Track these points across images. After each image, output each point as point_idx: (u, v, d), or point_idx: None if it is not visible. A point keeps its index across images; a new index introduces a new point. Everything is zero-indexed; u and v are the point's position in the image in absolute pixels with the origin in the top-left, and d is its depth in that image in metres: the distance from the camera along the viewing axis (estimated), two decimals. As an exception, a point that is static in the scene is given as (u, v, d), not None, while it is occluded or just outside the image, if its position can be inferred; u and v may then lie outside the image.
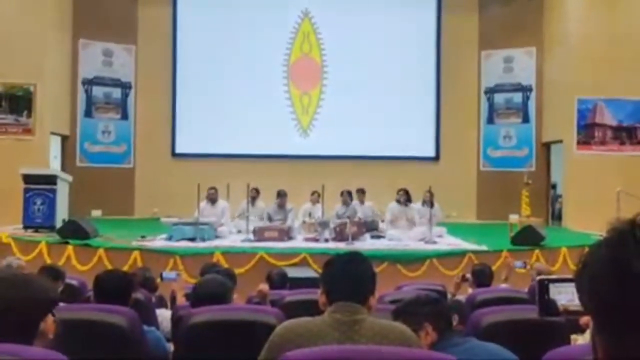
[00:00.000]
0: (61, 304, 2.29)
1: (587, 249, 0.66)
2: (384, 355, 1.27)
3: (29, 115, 8.07)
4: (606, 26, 7.87)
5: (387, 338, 1.40)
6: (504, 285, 3.88)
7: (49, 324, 1.14)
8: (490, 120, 9.75)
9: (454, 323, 1.89)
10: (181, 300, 3.09)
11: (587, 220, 6.70)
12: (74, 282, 3.06)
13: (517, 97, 9.55)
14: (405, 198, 6.61)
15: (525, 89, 9.50)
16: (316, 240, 6.19)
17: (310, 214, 6.97)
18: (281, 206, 6.96)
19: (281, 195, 6.96)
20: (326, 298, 1.50)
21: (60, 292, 2.78)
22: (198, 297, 2.25)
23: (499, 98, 9.67)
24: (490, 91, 9.73)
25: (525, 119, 9.50)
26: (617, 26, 7.85)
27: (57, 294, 1.28)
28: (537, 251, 5.73)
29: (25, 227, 6.43)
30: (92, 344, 1.88)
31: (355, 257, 1.58)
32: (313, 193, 7.07)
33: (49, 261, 5.19)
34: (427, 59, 9.73)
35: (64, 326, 1.70)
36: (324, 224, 6.29)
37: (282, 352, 1.32)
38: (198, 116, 9.54)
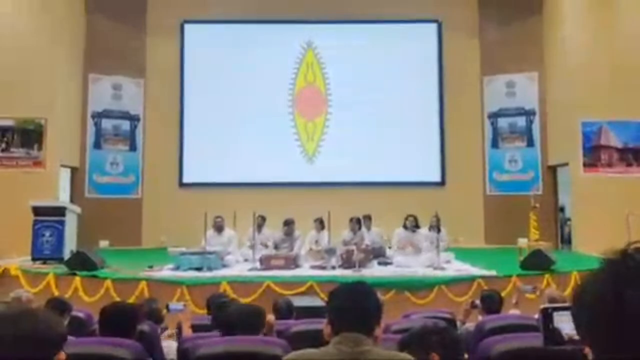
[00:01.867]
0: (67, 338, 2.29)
1: (587, 278, 0.67)
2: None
3: (40, 149, 8.23)
4: (607, 48, 7.96)
5: None
6: (513, 312, 3.81)
7: (62, 358, 1.14)
8: (494, 145, 9.78)
9: None
10: (188, 331, 3.06)
11: (597, 243, 6.58)
12: (81, 315, 3.06)
13: (521, 121, 9.60)
14: (413, 224, 6.59)
15: (528, 113, 9.56)
16: (323, 267, 6.14)
17: (316, 242, 6.94)
18: (288, 234, 6.94)
19: (288, 223, 6.96)
20: (331, 329, 1.49)
21: (67, 325, 2.78)
22: (226, 325, 2.25)
23: (503, 122, 9.73)
24: (494, 116, 9.80)
25: (530, 143, 9.52)
26: (618, 48, 7.93)
27: (65, 329, 1.28)
28: (547, 276, 5.64)
29: (34, 259, 6.46)
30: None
31: (360, 287, 1.58)
32: (316, 220, 7.05)
33: (56, 293, 5.19)
34: (430, 85, 9.86)
35: (70, 360, 1.69)
36: (330, 251, 6.25)
37: None
38: (205, 146, 9.68)
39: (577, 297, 0.65)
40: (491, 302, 3.47)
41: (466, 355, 2.25)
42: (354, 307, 1.49)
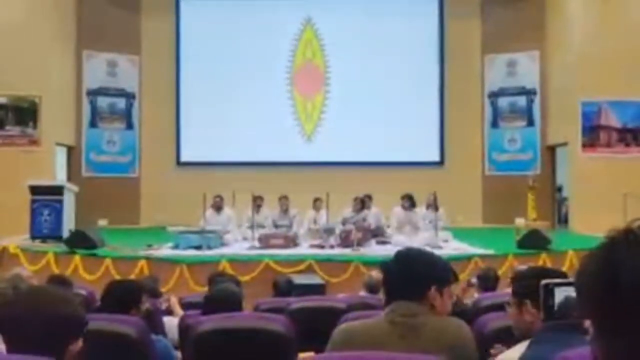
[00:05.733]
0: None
1: (587, 254, 0.67)
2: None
3: (35, 127, 8.15)
4: (609, 28, 7.86)
5: (443, 336, 1.35)
6: (509, 290, 3.85)
7: (78, 346, 1.13)
8: (494, 124, 9.74)
9: None
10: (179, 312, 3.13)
11: (594, 223, 6.64)
12: (83, 292, 3.08)
13: (521, 100, 9.55)
14: (409, 204, 6.61)
15: (529, 93, 9.50)
16: (322, 246, 6.19)
17: (315, 221, 6.98)
18: (284, 211, 6.99)
19: (283, 200, 7.01)
20: (385, 298, 1.45)
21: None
22: (210, 304, 2.27)
23: (503, 102, 9.67)
24: (494, 95, 9.73)
25: (530, 123, 9.49)
26: (620, 28, 7.84)
27: (84, 314, 1.23)
28: (543, 255, 5.70)
29: (33, 238, 6.47)
30: (101, 354, 1.89)
31: (412, 252, 1.52)
32: (315, 200, 7.08)
33: (56, 271, 5.22)
34: (430, 63, 9.75)
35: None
36: (329, 231, 6.30)
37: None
38: (202, 125, 9.61)
39: (578, 271, 0.65)
40: (487, 280, 3.51)
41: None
42: (402, 272, 1.41)
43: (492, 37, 9.57)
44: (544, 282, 1.26)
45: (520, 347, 1.42)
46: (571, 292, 1.14)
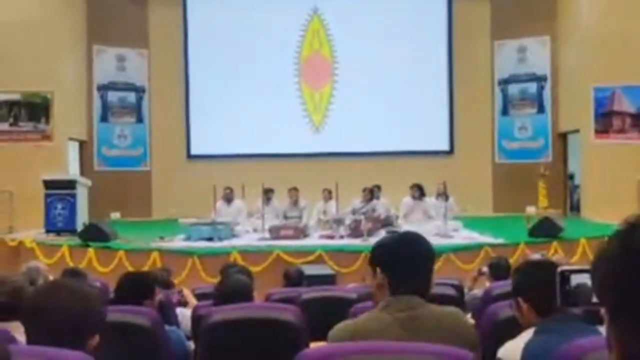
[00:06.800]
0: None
1: (605, 240, 0.67)
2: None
3: (47, 122, 8.25)
4: (621, 12, 7.68)
5: (442, 325, 1.35)
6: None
7: (95, 340, 1.16)
8: (504, 112, 9.63)
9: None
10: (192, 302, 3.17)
11: (607, 210, 6.58)
12: (97, 284, 3.13)
13: (532, 87, 9.41)
14: (419, 193, 6.59)
15: (539, 79, 9.36)
16: (331, 237, 6.22)
17: (325, 212, 7.01)
18: (294, 202, 7.02)
19: (292, 191, 7.04)
20: (387, 287, 1.36)
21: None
22: (222, 296, 2.30)
23: (513, 89, 9.54)
24: (504, 82, 9.60)
25: (541, 109, 9.36)
26: (632, 12, 7.65)
27: (104, 309, 1.27)
28: (555, 243, 5.66)
29: (48, 231, 6.60)
30: (115, 345, 1.93)
31: (415, 240, 1.40)
32: (324, 190, 7.10)
33: (71, 264, 5.33)
34: (438, 51, 9.64)
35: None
36: (338, 221, 6.32)
37: None
38: (211, 117, 9.64)
39: (595, 257, 0.65)
40: (499, 269, 3.50)
41: (473, 320, 2.30)
42: (410, 265, 1.35)
43: (501, 23, 9.41)
44: (560, 269, 1.25)
45: (525, 336, 1.42)
46: (587, 279, 1.13)
